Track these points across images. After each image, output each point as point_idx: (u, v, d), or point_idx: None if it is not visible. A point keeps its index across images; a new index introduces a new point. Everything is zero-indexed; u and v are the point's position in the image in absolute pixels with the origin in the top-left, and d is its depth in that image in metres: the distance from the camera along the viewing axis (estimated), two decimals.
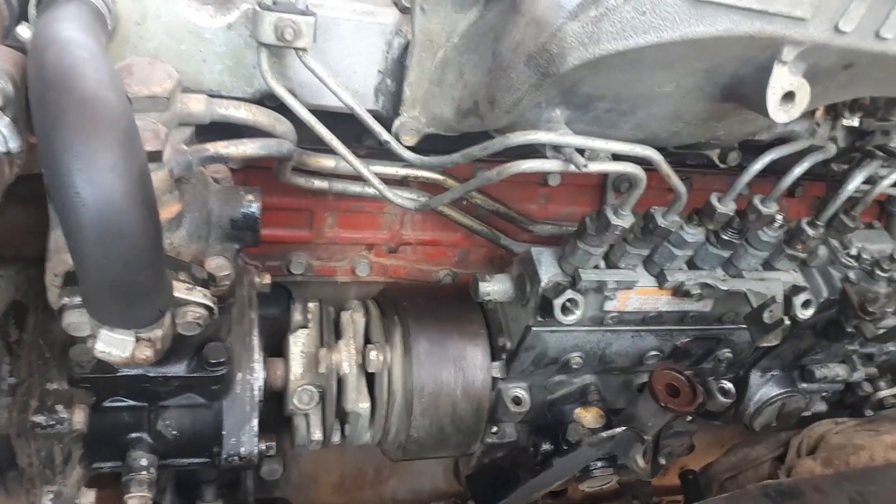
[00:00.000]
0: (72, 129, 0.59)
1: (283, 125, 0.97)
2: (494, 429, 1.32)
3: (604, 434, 1.14)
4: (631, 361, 1.30)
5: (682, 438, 1.41)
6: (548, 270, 1.15)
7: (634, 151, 0.93)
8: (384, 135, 1.00)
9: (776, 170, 1.14)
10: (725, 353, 1.32)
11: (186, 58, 0.94)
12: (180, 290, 0.80)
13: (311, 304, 1.26)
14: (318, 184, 1.19)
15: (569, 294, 1.10)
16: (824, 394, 1.50)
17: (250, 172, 1.22)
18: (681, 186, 1.02)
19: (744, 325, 1.29)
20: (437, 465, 1.58)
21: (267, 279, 1.21)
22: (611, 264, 1.16)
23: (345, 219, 1.34)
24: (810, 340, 1.37)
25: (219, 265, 0.90)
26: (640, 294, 1.19)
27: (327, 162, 1.16)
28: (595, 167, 0.92)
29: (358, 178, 1.20)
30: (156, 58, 0.90)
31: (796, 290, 1.23)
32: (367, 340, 1.25)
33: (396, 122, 1.04)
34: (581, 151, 0.94)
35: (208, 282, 0.87)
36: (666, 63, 0.85)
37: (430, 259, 1.44)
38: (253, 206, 0.93)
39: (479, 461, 1.39)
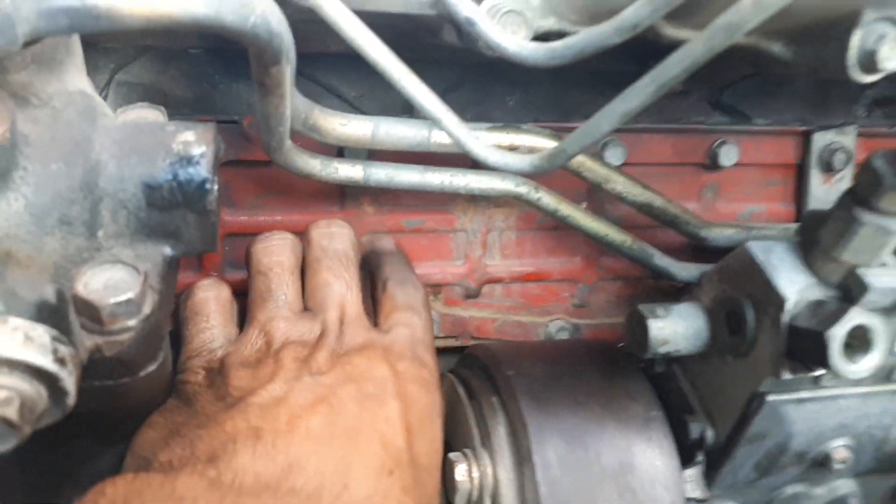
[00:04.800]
0: None
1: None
2: None
3: None
4: None
5: None
6: (792, 279, 0.59)
7: None
8: (465, 7, 0.49)
9: None
10: None
11: None
12: None
13: None
14: (346, 170, 0.68)
15: (857, 317, 0.54)
16: None
17: (226, 170, 0.73)
18: None
19: None
20: None
21: None
22: None
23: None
24: None
25: (110, 284, 0.38)
26: None
27: (358, 127, 0.65)
28: None
29: (411, 156, 0.69)
30: None
31: None
32: (448, 444, 0.70)
33: (485, 6, 0.54)
34: None
35: (76, 323, 0.35)
36: None
37: (534, 303, 0.89)
38: (193, 152, 0.42)
39: None
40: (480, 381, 0.73)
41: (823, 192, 0.89)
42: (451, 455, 0.68)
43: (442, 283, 0.85)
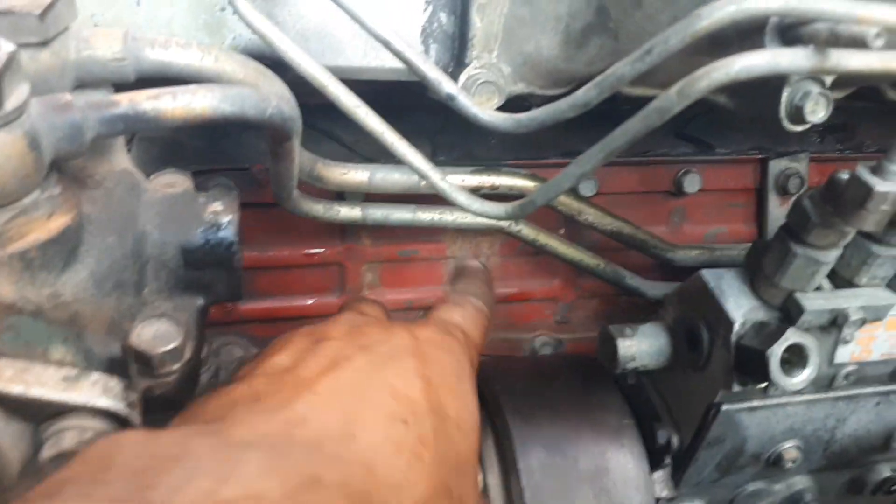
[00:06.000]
0: None
1: (272, 83, 0.55)
2: None
3: None
4: (870, 446, 0.81)
5: None
6: (739, 303, 0.68)
7: None
8: (447, 85, 0.57)
9: None
10: None
11: None
12: (43, 382, 0.36)
13: None
14: (346, 212, 0.76)
15: (792, 337, 0.63)
16: None
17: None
18: None
19: None
20: None
21: None
22: (841, 282, 0.69)
23: (390, 271, 0.90)
24: None
25: (158, 335, 0.46)
26: (891, 330, 0.71)
27: (356, 175, 0.73)
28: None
29: (403, 196, 0.77)
30: None
31: None
32: None
33: (463, 77, 0.62)
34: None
35: (131, 368, 0.43)
36: None
37: (519, 321, 0.98)
38: (222, 220, 0.50)
39: None
40: None
41: (781, 213, 0.97)
42: None
43: None
